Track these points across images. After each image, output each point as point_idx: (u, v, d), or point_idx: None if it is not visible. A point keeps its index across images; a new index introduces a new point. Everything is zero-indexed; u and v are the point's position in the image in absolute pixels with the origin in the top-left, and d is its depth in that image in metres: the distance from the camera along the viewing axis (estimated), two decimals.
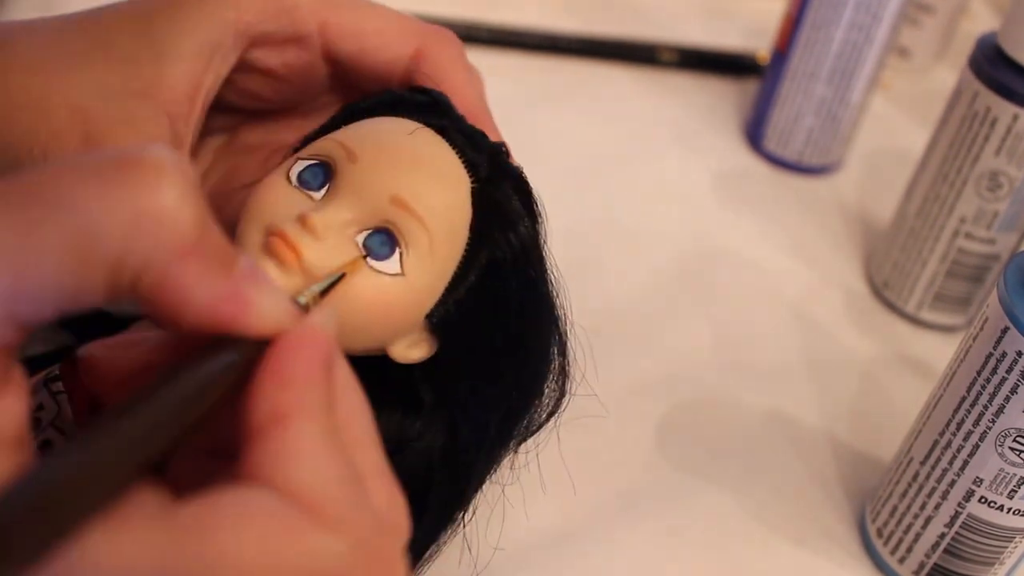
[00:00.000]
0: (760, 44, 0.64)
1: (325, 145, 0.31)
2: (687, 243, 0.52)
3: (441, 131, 0.32)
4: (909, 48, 0.67)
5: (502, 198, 0.32)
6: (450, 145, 0.32)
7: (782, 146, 0.57)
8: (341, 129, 0.32)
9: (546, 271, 0.33)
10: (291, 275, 0.29)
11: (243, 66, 0.34)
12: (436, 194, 0.31)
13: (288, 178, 0.31)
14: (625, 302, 0.48)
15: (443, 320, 0.31)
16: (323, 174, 0.31)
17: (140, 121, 0.31)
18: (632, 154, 0.57)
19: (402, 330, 0.31)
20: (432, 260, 0.30)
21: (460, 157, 0.32)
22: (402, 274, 0.30)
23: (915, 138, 0.58)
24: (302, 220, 0.29)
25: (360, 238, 0.30)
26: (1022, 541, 0.35)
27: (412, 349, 0.31)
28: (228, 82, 0.34)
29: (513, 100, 0.59)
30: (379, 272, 0.30)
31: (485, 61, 0.61)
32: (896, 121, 0.63)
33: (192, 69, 0.32)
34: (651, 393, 0.44)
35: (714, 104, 0.62)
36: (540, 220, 0.33)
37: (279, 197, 0.31)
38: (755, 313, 0.49)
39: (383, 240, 0.30)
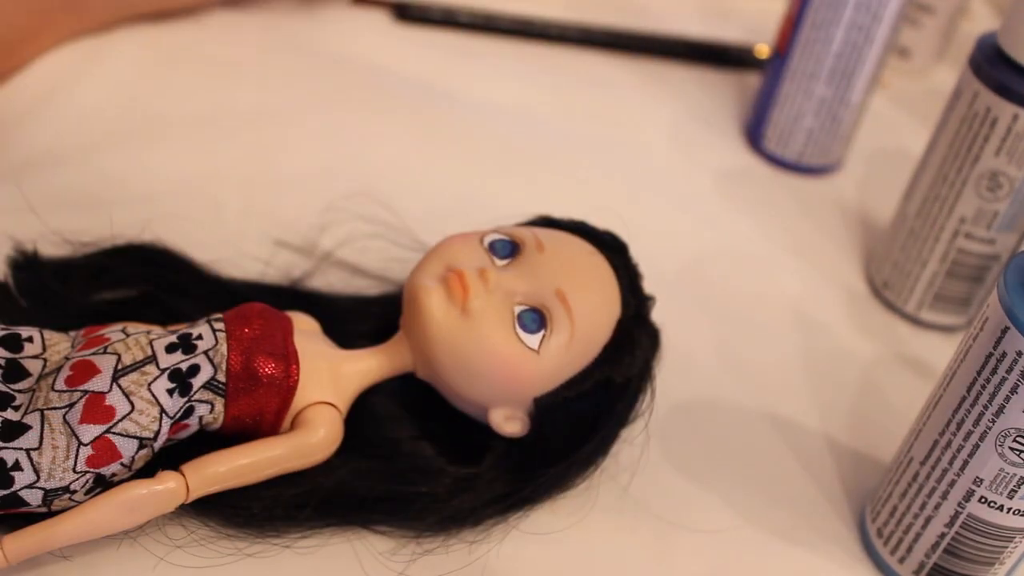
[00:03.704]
0: (760, 41, 0.64)
1: (520, 231, 0.37)
2: (686, 243, 0.52)
3: (613, 267, 0.38)
4: (909, 48, 0.67)
5: (637, 334, 0.37)
6: (616, 280, 0.38)
7: (782, 146, 0.57)
8: (538, 228, 0.38)
9: (642, 398, 0.38)
10: (451, 308, 0.35)
11: None
12: (592, 303, 0.36)
13: (481, 241, 0.37)
14: None
15: (549, 409, 0.36)
16: (510, 250, 0.37)
17: None
18: (630, 153, 0.57)
19: (509, 399, 0.36)
20: (566, 353, 0.35)
21: (620, 292, 0.38)
22: (537, 352, 0.35)
23: (915, 138, 0.58)
24: (482, 272, 0.35)
25: (518, 309, 0.35)
26: (1022, 541, 0.35)
27: (509, 422, 0.36)
28: None
29: (510, 93, 0.59)
30: (520, 341, 0.35)
31: (481, 49, 0.62)
32: (896, 121, 0.63)
33: None
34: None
35: (713, 100, 0.62)
36: (657, 361, 0.39)
37: (469, 250, 0.37)
38: (755, 313, 0.49)
39: (535, 318, 0.35)
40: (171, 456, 0.34)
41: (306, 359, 0.35)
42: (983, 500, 0.35)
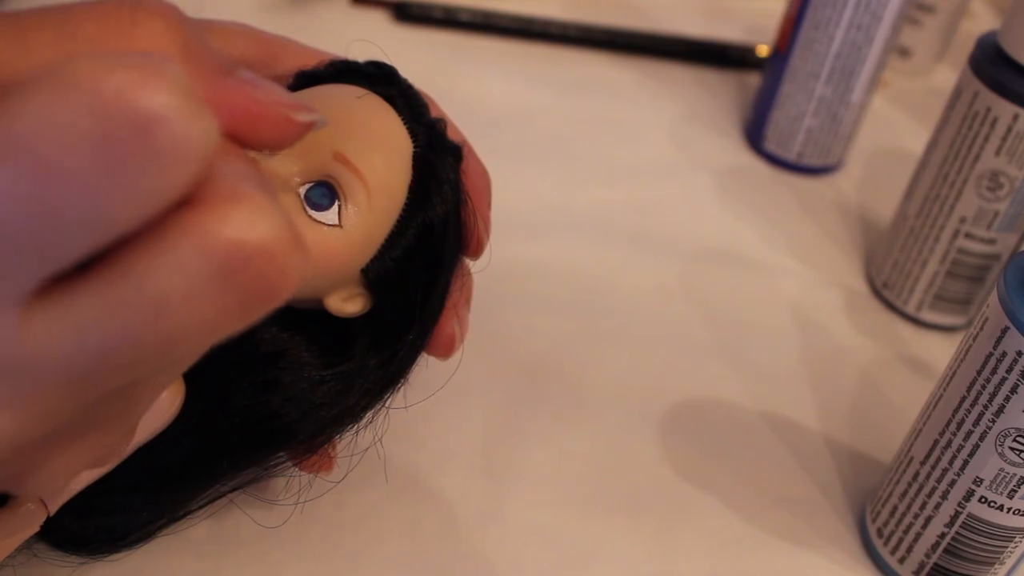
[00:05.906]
0: (760, 41, 0.64)
1: None
2: (686, 243, 0.52)
3: (388, 99, 0.34)
4: (909, 48, 0.67)
5: (438, 164, 0.34)
6: (396, 112, 0.34)
7: (782, 146, 0.57)
8: (295, 93, 0.34)
9: (462, 234, 0.35)
10: None
11: None
12: (377, 151, 0.32)
13: None
14: (623, 301, 0.48)
15: (381, 276, 0.33)
16: None
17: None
18: (630, 153, 0.57)
19: (337, 282, 0.33)
20: (370, 215, 0.32)
21: (404, 124, 0.34)
22: (340, 226, 0.31)
23: (915, 138, 0.58)
24: None
25: (302, 190, 0.31)
26: (1022, 541, 0.35)
27: (348, 303, 0.33)
28: None
29: (510, 92, 0.59)
30: (318, 223, 0.31)
31: (481, 49, 0.62)
32: (896, 121, 0.63)
33: None
34: (649, 393, 0.44)
35: (713, 100, 0.62)
36: (463, 188, 0.35)
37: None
38: (754, 313, 0.49)
39: (323, 192, 0.31)
40: None
41: None
42: (983, 500, 0.35)
